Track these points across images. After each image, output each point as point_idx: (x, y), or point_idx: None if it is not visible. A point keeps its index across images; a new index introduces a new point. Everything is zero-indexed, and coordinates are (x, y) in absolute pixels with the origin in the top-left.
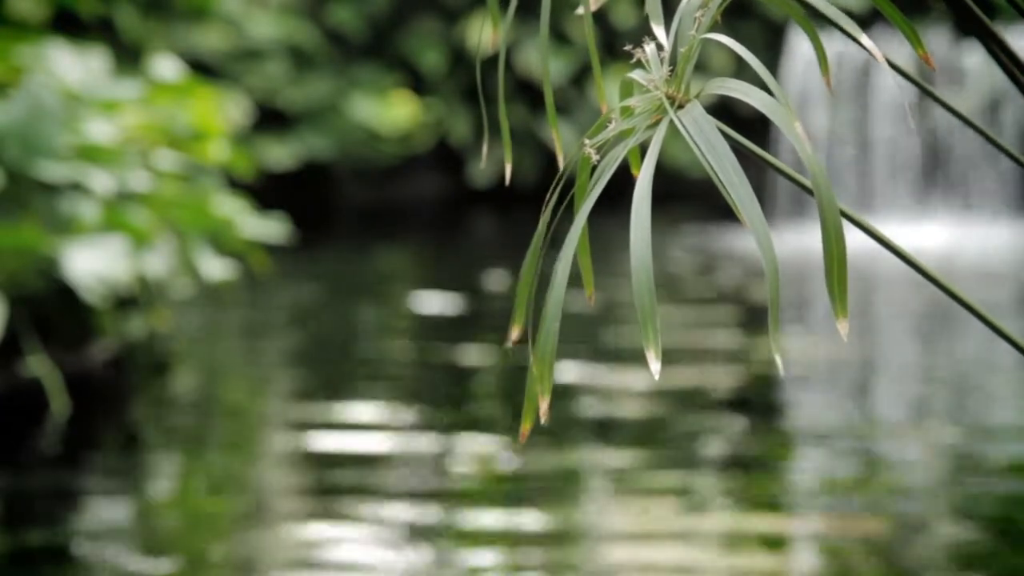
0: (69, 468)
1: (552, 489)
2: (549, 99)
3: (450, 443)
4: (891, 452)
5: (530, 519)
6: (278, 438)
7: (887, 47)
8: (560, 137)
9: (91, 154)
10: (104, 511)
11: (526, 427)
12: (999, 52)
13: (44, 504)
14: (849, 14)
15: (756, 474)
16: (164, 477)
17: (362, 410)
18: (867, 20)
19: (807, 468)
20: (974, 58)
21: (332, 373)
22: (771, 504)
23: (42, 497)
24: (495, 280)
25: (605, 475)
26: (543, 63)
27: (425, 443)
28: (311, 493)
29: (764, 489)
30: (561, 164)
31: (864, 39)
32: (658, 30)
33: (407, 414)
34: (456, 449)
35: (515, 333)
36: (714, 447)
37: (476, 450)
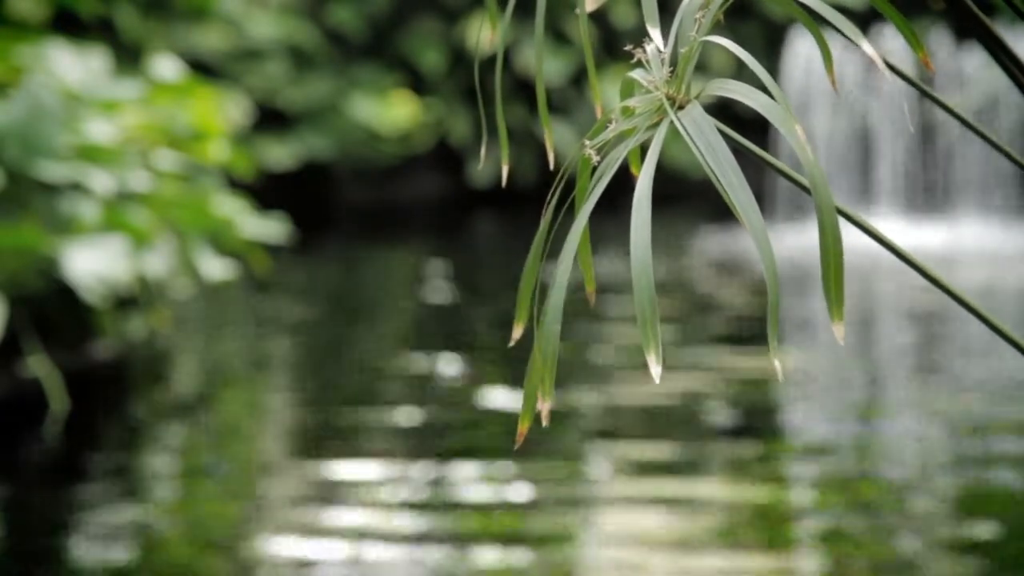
0: (69, 468)
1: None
2: (542, 99)
3: (449, 466)
4: (891, 453)
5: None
6: (277, 439)
7: (887, 46)
8: (552, 138)
9: (91, 154)
10: (103, 511)
11: (523, 427)
12: (999, 53)
13: (44, 504)
14: (849, 14)
15: (756, 481)
16: (163, 477)
17: (361, 414)
18: (867, 19)
19: (807, 477)
20: (974, 60)
21: (331, 375)
22: (771, 506)
23: (42, 497)
24: (493, 277)
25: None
26: (537, 63)
27: (424, 464)
28: (310, 493)
29: (764, 495)
30: (552, 164)
31: (865, 44)
32: (653, 32)
33: (406, 420)
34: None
35: (517, 333)
36: (714, 471)
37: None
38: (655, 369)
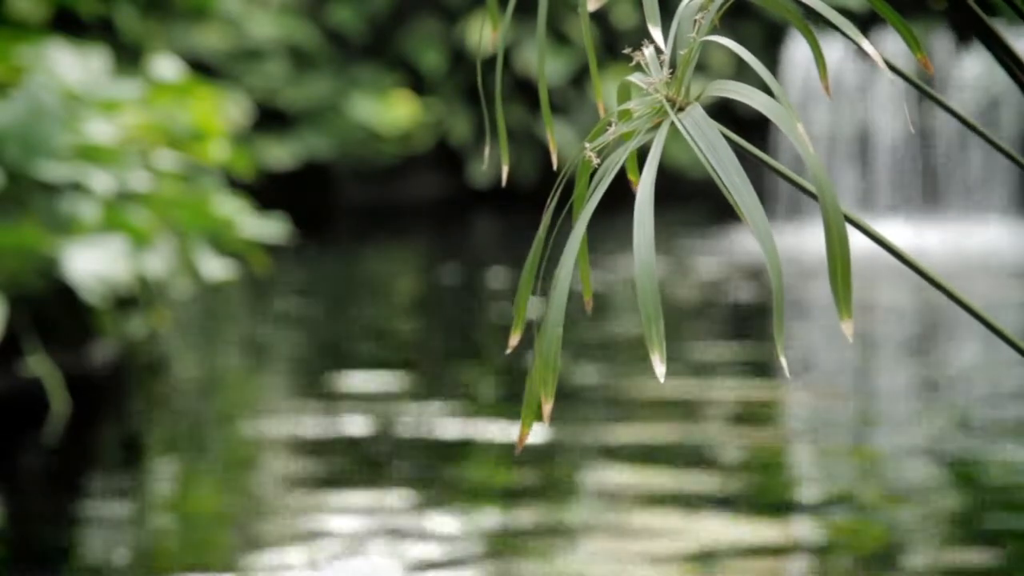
0: (69, 468)
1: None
2: (544, 100)
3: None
4: (891, 451)
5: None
6: (277, 440)
7: (887, 47)
8: (555, 140)
9: (91, 154)
10: (104, 511)
11: (525, 432)
12: (1000, 52)
13: (44, 504)
14: (849, 15)
15: (756, 478)
16: (164, 477)
17: (361, 412)
18: (867, 20)
19: (807, 475)
20: (974, 59)
21: (330, 374)
22: (771, 508)
23: (42, 497)
24: (497, 278)
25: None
26: (539, 64)
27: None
28: (308, 494)
29: (764, 494)
30: (555, 164)
31: (866, 44)
32: (655, 32)
33: (403, 419)
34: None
35: (514, 340)
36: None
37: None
38: (659, 368)
